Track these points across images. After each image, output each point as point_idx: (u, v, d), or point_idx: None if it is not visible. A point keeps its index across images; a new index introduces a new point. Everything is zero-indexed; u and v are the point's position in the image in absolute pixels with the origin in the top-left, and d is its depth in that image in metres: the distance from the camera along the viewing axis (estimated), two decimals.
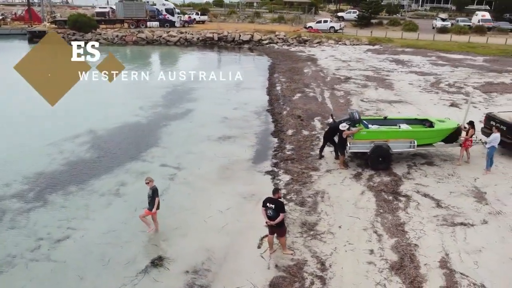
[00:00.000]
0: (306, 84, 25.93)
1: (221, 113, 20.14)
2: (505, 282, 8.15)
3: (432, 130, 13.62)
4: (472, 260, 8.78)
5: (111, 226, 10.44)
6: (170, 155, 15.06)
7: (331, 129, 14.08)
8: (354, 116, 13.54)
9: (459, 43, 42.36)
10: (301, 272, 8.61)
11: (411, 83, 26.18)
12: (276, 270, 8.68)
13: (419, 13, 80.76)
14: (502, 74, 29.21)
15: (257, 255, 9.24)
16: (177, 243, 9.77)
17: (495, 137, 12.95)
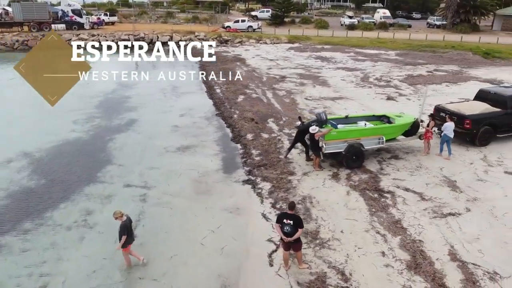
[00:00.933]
0: (245, 85, 25.60)
1: (169, 122, 18.89)
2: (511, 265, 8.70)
3: (396, 125, 14.21)
4: (476, 249, 9.24)
5: (95, 265, 9.03)
6: (130, 173, 13.62)
7: (300, 131, 13.93)
8: (321, 117, 13.58)
9: (370, 39, 45.49)
10: (325, 286, 8.28)
11: (343, 79, 27.33)
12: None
13: (323, 11, 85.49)
14: (417, 67, 31.96)
15: (273, 274, 8.68)
16: (182, 273, 8.78)
17: (448, 126, 13.97)
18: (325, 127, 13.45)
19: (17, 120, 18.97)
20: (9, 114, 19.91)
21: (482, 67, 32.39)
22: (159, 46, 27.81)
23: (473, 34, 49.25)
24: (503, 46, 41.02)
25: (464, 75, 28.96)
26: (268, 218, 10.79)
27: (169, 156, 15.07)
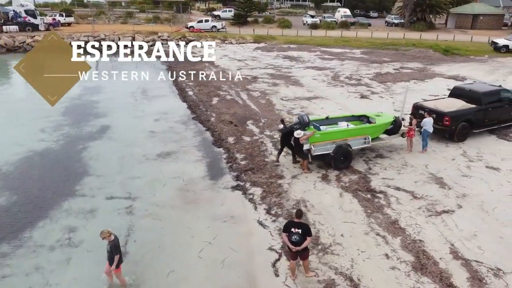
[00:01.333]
0: (217, 86, 25.09)
1: (144, 127, 18.09)
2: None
3: (378, 125, 14.27)
4: (475, 245, 9.38)
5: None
6: (111, 184, 12.84)
7: (284, 135, 13.70)
8: (304, 119, 13.45)
9: (334, 38, 46.19)
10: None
11: (314, 79, 27.43)
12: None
13: (283, 11, 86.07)
14: (383, 65, 32.69)
15: (281, 285, 8.37)
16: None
17: (427, 121, 14.27)
18: (308, 130, 13.31)
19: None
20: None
21: (444, 63, 33.64)
22: (159, 47, 26.97)
23: (430, 32, 51.17)
24: (459, 43, 42.89)
25: (429, 72, 29.92)
26: (265, 226, 10.47)
27: (150, 164, 14.37)
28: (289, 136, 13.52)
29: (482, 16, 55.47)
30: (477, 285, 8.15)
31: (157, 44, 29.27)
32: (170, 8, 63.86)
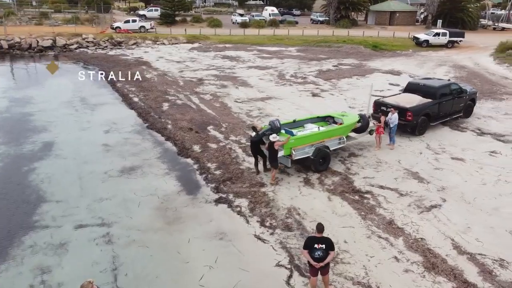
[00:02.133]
0: (163, 91, 23.74)
1: (95, 140, 16.38)
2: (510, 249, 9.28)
3: (349, 124, 14.31)
4: (472, 238, 9.70)
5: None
6: (76, 209, 11.31)
7: (256, 142, 13.13)
8: (275, 124, 13.10)
9: (267, 36, 46.44)
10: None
11: (261, 79, 27.16)
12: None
13: (208, 9, 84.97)
14: (321, 62, 33.49)
15: None
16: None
17: (394, 117, 14.68)
18: (280, 135, 12.92)
19: None
20: None
21: (376, 59, 35.39)
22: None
23: (354, 29, 53.73)
24: (383, 39, 45.52)
25: (366, 67, 31.24)
26: (264, 240, 9.89)
27: (114, 182, 12.96)
28: (259, 144, 13.00)
29: (398, 13, 59.62)
30: (489, 278, 8.37)
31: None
32: (89, 7, 59.53)
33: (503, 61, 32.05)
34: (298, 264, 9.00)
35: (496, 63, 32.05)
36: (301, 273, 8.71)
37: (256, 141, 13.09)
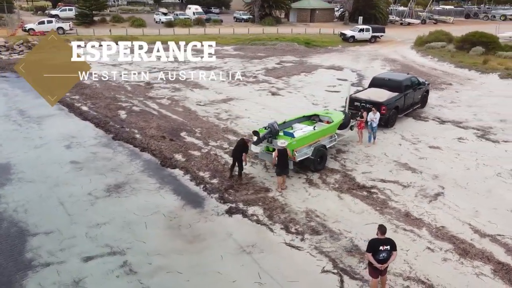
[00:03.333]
0: (112, 97, 22.00)
1: (58, 158, 14.58)
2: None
3: (338, 122, 14.56)
4: (485, 221, 10.47)
5: None
6: (74, 239, 9.95)
7: (238, 147, 12.76)
8: (274, 127, 12.95)
9: (198, 35, 45.34)
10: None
11: (212, 79, 26.41)
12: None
13: (123, 8, 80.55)
14: (263, 60, 33.69)
15: None
16: None
17: (378, 116, 15.27)
18: (279, 138, 12.75)
19: None
20: None
21: (313, 55, 36.58)
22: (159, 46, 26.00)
23: (280, 26, 54.83)
24: (311, 35, 47.17)
25: (308, 64, 32.12)
26: (298, 247, 9.64)
27: (105, 203, 11.65)
28: (241, 150, 12.61)
29: (318, 11, 62.29)
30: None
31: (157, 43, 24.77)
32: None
33: (426, 53, 35.16)
34: (343, 267, 8.93)
35: (420, 56, 35.04)
36: (351, 276, 8.65)
37: (238, 146, 12.70)
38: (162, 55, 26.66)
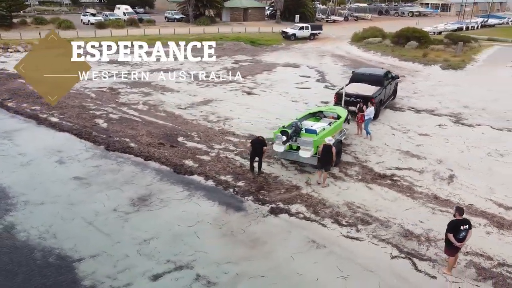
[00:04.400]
0: (79, 106, 20.42)
1: (57, 174, 13.33)
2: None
3: (345, 117, 15.22)
4: (503, 195, 11.85)
5: None
6: (129, 259, 9.32)
7: (254, 144, 13.04)
8: (298, 126, 13.34)
9: (138, 36, 43.48)
10: (504, 279, 8.77)
11: (177, 81, 25.73)
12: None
13: (38, 9, 74.13)
14: (218, 60, 33.36)
15: (448, 284, 8.50)
16: None
17: (372, 111, 16.24)
18: (302, 135, 13.12)
19: None
20: None
21: (263, 53, 37.17)
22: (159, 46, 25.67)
23: (217, 26, 54.69)
24: (252, 34, 47.76)
25: (264, 62, 32.62)
26: (358, 238, 10.06)
27: (139, 218, 10.98)
28: (261, 146, 12.91)
29: (251, 10, 63.15)
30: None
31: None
32: None
33: (367, 48, 37.65)
34: (408, 251, 9.54)
35: (363, 51, 37.44)
36: (419, 258, 9.29)
37: (256, 142, 12.90)
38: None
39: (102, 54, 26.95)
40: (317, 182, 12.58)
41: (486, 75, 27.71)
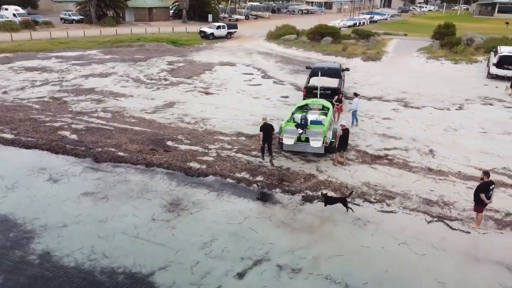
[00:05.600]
0: (30, 119, 18.39)
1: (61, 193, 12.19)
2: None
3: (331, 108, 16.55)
4: (477, 160, 14.29)
5: None
6: (202, 264, 9.28)
7: (265, 130, 13.76)
8: (307, 118, 14.47)
9: (45, 40, 39.53)
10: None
11: (123, 86, 24.53)
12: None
13: None
14: (148, 62, 32.32)
15: (477, 236, 10.32)
16: None
17: (357, 101, 17.81)
18: (309, 127, 14.16)
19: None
20: None
21: (191, 53, 36.93)
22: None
23: (124, 26, 52.21)
24: (168, 34, 46.78)
25: (198, 62, 32.52)
26: (391, 211, 11.37)
27: (183, 223, 10.79)
28: (269, 131, 13.75)
29: (155, 9, 61.40)
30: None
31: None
32: None
33: (288, 45, 39.86)
34: (437, 215, 11.15)
35: (284, 47, 39.51)
36: (449, 219, 10.95)
37: (267, 129, 13.66)
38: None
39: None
40: (334, 164, 13.80)
41: (401, 65, 31.79)
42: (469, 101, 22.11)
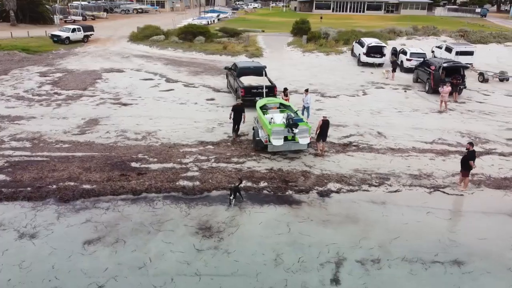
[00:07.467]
0: None
1: (54, 249, 9.69)
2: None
3: (292, 105, 17.03)
4: (418, 135, 16.90)
5: None
6: (294, 280, 8.97)
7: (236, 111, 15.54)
8: (293, 118, 14.71)
9: None
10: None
11: (8, 106, 20.01)
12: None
13: None
14: (14, 73, 26.94)
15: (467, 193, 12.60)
16: None
17: (309, 97, 18.55)
18: (301, 124, 14.54)
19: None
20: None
21: (56, 62, 31.86)
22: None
23: None
24: (12, 40, 39.28)
25: (78, 71, 28.48)
26: (397, 190, 12.76)
27: (233, 247, 9.99)
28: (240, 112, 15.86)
29: None
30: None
31: None
32: None
33: (162, 46, 38.02)
34: (433, 185, 12.99)
35: (159, 49, 37.34)
36: (442, 187, 12.91)
37: (237, 111, 15.81)
38: None
39: None
40: (317, 154, 14.65)
41: (284, 59, 34.13)
42: (364, 86, 25.53)
